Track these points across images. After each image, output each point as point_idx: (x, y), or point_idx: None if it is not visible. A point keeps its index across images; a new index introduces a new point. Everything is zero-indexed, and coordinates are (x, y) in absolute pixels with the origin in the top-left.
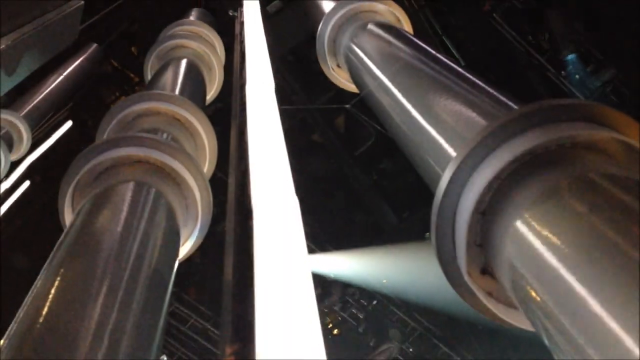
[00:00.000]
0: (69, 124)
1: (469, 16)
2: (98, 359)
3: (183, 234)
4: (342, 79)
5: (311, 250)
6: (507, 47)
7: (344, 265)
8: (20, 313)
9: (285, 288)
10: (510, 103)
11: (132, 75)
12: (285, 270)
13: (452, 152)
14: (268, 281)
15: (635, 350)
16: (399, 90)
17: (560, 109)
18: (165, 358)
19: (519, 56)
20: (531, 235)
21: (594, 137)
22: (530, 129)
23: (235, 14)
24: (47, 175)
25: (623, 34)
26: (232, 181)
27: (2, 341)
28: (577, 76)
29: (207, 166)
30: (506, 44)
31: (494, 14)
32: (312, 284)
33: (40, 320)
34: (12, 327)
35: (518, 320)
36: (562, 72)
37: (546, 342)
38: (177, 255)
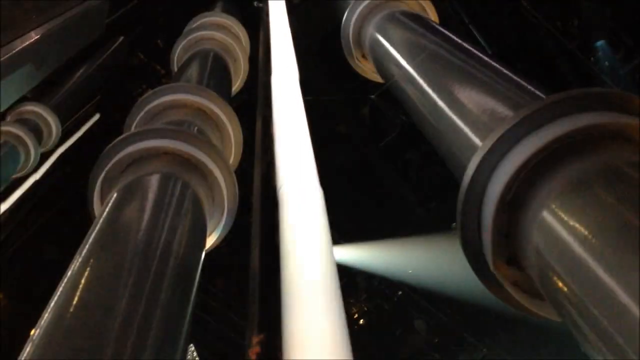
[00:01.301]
0: (96, 116)
1: (496, 3)
2: (127, 348)
3: (209, 225)
4: (367, 70)
5: (336, 241)
6: (535, 34)
7: (370, 256)
8: (51, 302)
9: (311, 278)
10: (537, 92)
11: (158, 67)
12: (311, 261)
13: (478, 142)
14: (294, 272)
15: None
16: (425, 80)
17: (588, 97)
18: (193, 347)
19: (547, 43)
20: (558, 225)
21: (622, 126)
22: (557, 119)
23: (260, 4)
24: (76, 167)
25: None
26: (257, 172)
27: (34, 330)
28: (606, 63)
29: (233, 158)
30: (534, 30)
31: (522, 1)
32: (337, 274)
33: (71, 309)
34: (44, 316)
35: (545, 311)
36: (592, 59)
37: (573, 332)
38: (203, 246)
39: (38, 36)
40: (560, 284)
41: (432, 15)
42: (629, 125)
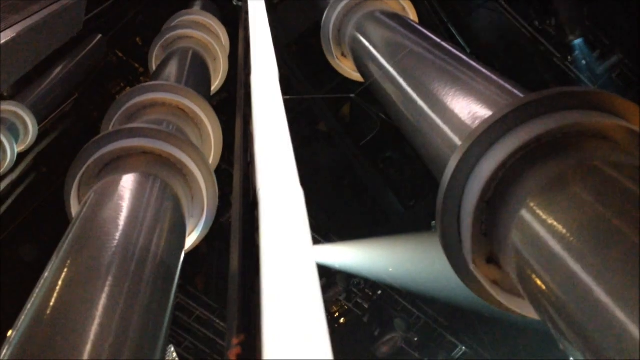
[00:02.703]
0: (74, 115)
1: (474, 3)
2: (106, 349)
3: (189, 224)
4: (347, 68)
5: (316, 241)
6: (513, 33)
7: (349, 255)
8: (28, 304)
9: (291, 279)
10: (515, 91)
11: (137, 65)
12: (291, 261)
13: (457, 141)
14: (274, 272)
15: None
16: (404, 79)
17: (566, 97)
18: (172, 348)
19: (525, 42)
20: (537, 224)
21: (599, 125)
22: (536, 118)
23: (240, 3)
24: (53, 167)
25: (630, 19)
26: (237, 172)
27: (11, 331)
28: (583, 61)
29: (213, 157)
30: (512, 30)
31: (500, 0)
32: (317, 274)
33: (48, 311)
34: (21, 318)
35: (523, 309)
36: (569, 58)
37: (551, 329)
38: (183, 246)
39: (15, 34)
40: (539, 282)
41: (412, 14)
42: (606, 124)
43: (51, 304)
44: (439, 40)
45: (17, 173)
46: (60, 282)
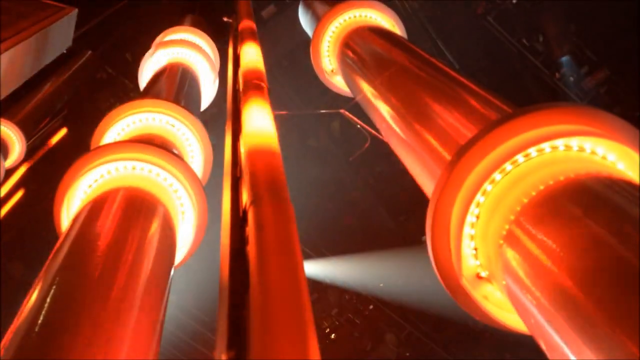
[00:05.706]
0: (63, 131)
1: (463, 19)
2: None
3: (179, 240)
4: (337, 84)
5: (307, 256)
6: (501, 50)
7: (340, 270)
8: (16, 321)
9: (281, 293)
10: (503, 106)
11: (126, 81)
12: (282, 276)
13: (446, 156)
14: (264, 287)
15: (632, 350)
16: (393, 95)
17: (554, 112)
18: None
19: (513, 58)
20: (526, 239)
21: (588, 140)
22: (524, 133)
23: (230, 19)
24: (42, 183)
25: (617, 35)
26: (226, 187)
27: None
28: (571, 78)
29: (202, 173)
30: (500, 46)
31: (488, 17)
32: (308, 288)
33: (37, 329)
34: (9, 336)
35: (514, 323)
36: (557, 74)
37: (541, 344)
38: (173, 261)
39: (4, 51)
40: (529, 297)
41: (400, 30)
42: (594, 140)
43: (39, 321)
44: (427, 56)
45: (6, 189)
46: (48, 300)
